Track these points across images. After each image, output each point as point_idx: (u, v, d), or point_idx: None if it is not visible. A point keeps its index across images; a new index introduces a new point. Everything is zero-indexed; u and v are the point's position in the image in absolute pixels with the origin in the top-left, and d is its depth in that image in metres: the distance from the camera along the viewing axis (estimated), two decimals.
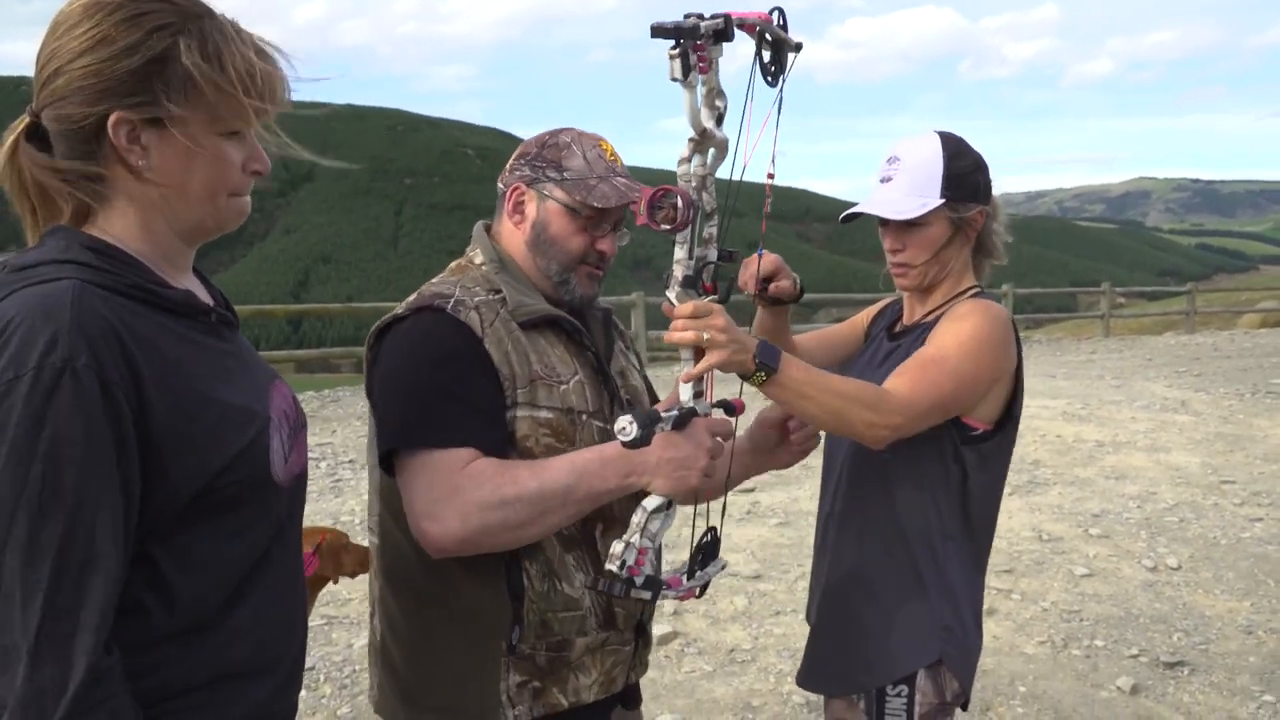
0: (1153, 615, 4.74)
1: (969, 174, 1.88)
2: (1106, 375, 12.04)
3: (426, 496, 1.50)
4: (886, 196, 1.87)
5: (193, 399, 1.12)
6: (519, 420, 1.59)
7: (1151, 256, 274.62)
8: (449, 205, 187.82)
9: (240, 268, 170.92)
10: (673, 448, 1.50)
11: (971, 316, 1.82)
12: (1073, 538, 5.83)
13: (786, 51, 1.49)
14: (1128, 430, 8.61)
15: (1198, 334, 18.33)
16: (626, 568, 1.44)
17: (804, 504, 6.23)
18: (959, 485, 1.86)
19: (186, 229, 1.21)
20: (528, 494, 1.49)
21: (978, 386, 1.79)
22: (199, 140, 1.16)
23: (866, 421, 1.65)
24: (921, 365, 1.76)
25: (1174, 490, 6.81)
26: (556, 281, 1.71)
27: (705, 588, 1.60)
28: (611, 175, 1.68)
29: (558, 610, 1.63)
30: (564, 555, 1.64)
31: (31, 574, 1.00)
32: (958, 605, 1.89)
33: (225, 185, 1.20)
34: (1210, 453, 7.88)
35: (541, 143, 1.73)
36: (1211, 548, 5.68)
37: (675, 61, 1.33)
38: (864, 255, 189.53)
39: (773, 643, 4.38)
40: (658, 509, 1.49)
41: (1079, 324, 21.46)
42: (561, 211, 1.68)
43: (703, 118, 1.41)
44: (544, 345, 1.65)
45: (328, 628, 4.31)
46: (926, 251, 1.88)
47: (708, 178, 1.46)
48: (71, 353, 1.02)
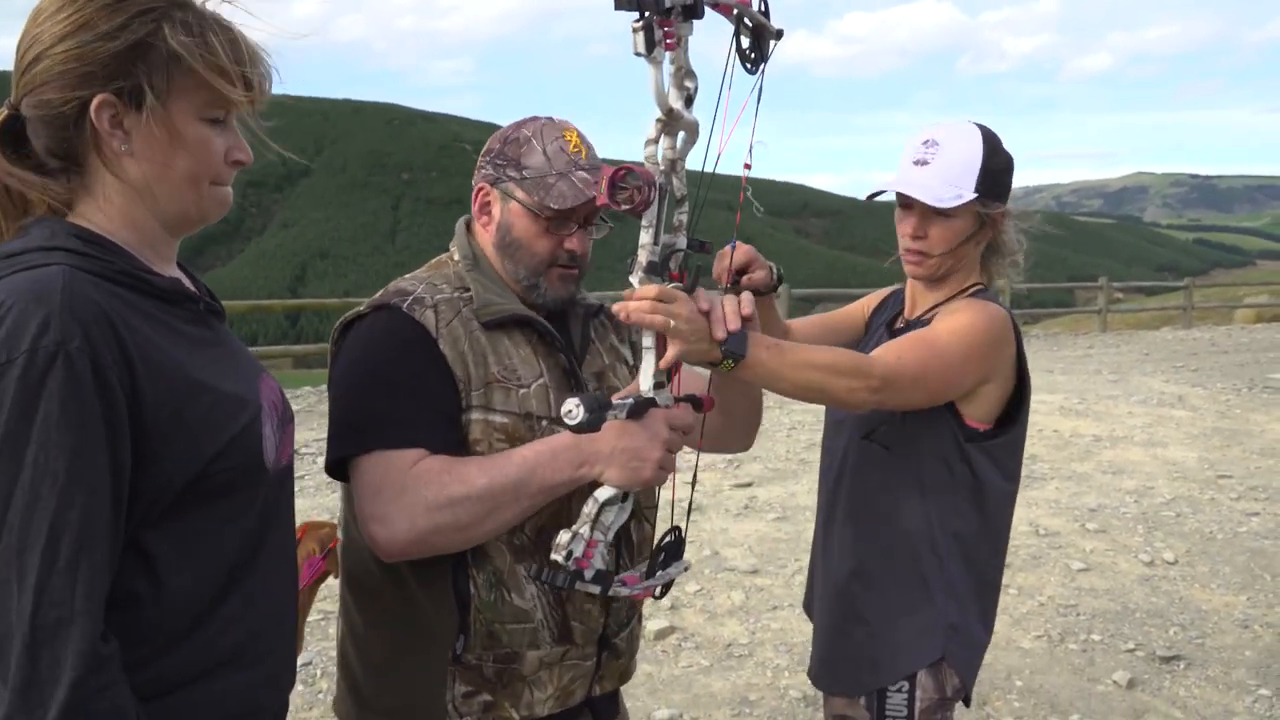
0: (1149, 609, 4.75)
1: (1001, 172, 1.85)
2: (1104, 370, 12.05)
3: (374, 499, 1.45)
4: (922, 180, 1.82)
5: (185, 385, 1.11)
6: (472, 424, 1.53)
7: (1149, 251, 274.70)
8: (446, 200, 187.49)
9: (238, 263, 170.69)
10: (627, 437, 1.44)
11: (968, 311, 1.80)
12: (1070, 532, 5.83)
13: (767, 39, 1.43)
14: (1125, 425, 8.63)
15: (1195, 329, 18.35)
16: (574, 559, 1.38)
17: (801, 499, 6.23)
18: (969, 484, 1.84)
19: (169, 217, 1.20)
20: (476, 491, 1.44)
21: (964, 376, 1.76)
22: (181, 126, 1.15)
23: (846, 388, 1.61)
24: (911, 342, 1.74)
25: (1171, 485, 6.82)
26: (526, 285, 1.63)
27: (667, 588, 1.54)
28: (572, 170, 1.59)
29: (505, 621, 1.56)
30: (514, 565, 1.56)
31: (25, 559, 0.99)
32: (962, 603, 1.88)
33: (208, 173, 1.19)
34: (1207, 447, 7.89)
35: (504, 138, 1.65)
36: (1208, 542, 5.69)
37: (638, 35, 1.27)
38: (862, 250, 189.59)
39: (770, 637, 4.38)
40: (610, 500, 1.43)
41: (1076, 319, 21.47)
42: (523, 213, 1.61)
43: (670, 98, 1.34)
44: (507, 346, 1.59)
45: (324, 623, 4.31)
46: (949, 242, 1.85)
47: (678, 162, 1.39)
48: (64, 336, 1.01)
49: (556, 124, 1.64)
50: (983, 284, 1.95)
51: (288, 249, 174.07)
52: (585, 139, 1.64)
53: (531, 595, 1.57)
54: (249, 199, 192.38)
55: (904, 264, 1.93)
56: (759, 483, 6.67)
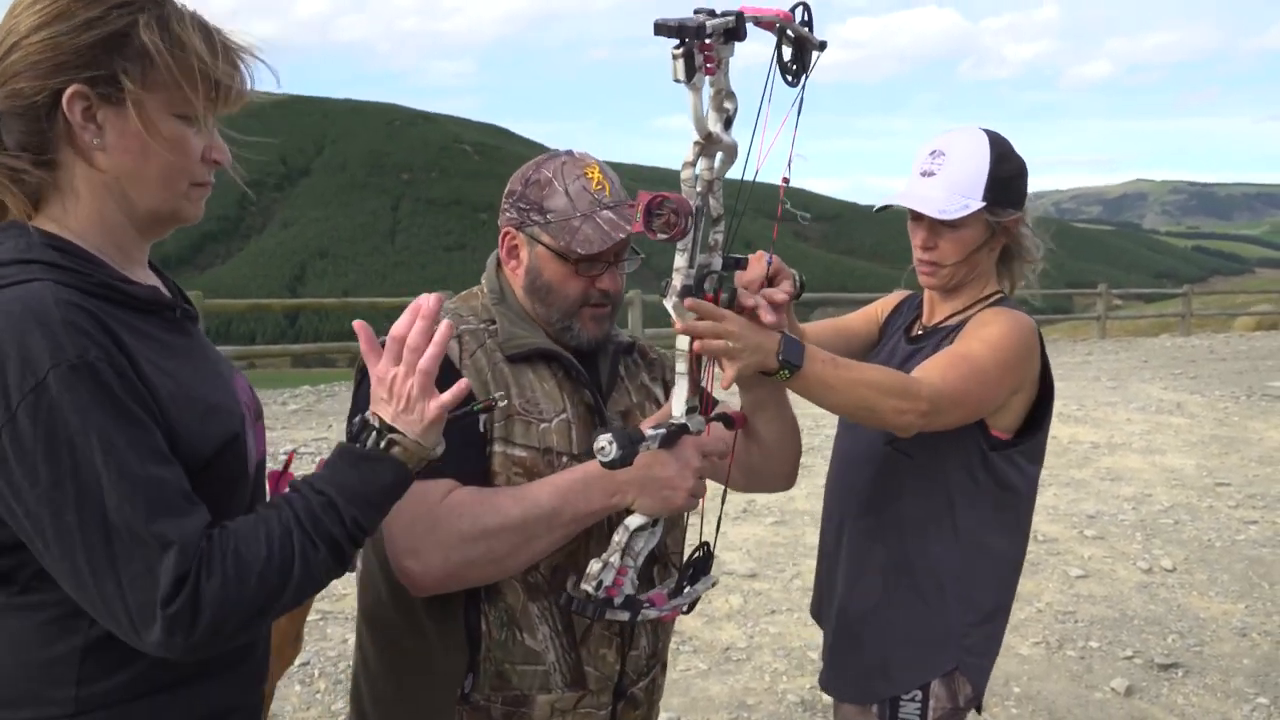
0: (1147, 617, 4.75)
1: (1012, 179, 1.83)
2: (1102, 377, 12.05)
3: (407, 533, 1.43)
4: (928, 192, 1.81)
5: (177, 397, 1.11)
6: (493, 455, 1.51)
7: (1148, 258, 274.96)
8: (446, 200, 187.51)
9: (237, 261, 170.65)
10: (659, 466, 1.43)
11: (998, 324, 1.79)
12: (1068, 539, 5.83)
13: (810, 51, 1.39)
14: (1123, 432, 8.62)
15: (1193, 336, 18.35)
16: (603, 588, 1.37)
17: (799, 503, 6.22)
18: (992, 493, 1.83)
19: (142, 218, 1.17)
20: (511, 522, 1.42)
21: (1000, 391, 1.76)
22: (156, 122, 1.12)
23: (895, 409, 1.60)
24: (950, 360, 1.72)
25: (1169, 492, 6.82)
26: (559, 328, 1.60)
27: (694, 605, 1.54)
28: (596, 211, 1.55)
29: (516, 662, 1.52)
30: (527, 604, 1.53)
31: (122, 556, 1.01)
32: (979, 611, 1.87)
33: (183, 171, 1.16)
34: (1205, 455, 7.89)
35: (525, 179, 1.61)
36: (1206, 550, 5.69)
37: (679, 62, 1.23)
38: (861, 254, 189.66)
39: (768, 641, 4.37)
40: (641, 528, 1.42)
41: (1075, 325, 21.48)
42: (551, 257, 1.57)
43: (709, 121, 1.31)
44: (531, 379, 1.56)
45: (322, 623, 4.29)
46: (959, 252, 1.84)
47: (714, 182, 1.36)
48: (79, 349, 1.01)
49: (577, 160, 1.61)
50: (1003, 292, 1.94)
51: (287, 248, 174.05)
52: (607, 173, 1.61)
53: (544, 636, 1.54)
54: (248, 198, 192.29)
55: (918, 274, 1.92)
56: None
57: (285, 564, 1.08)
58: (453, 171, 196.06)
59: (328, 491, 1.13)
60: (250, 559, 1.06)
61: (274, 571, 1.07)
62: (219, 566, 1.04)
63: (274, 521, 1.10)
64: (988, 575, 1.89)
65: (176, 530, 1.03)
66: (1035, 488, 1.95)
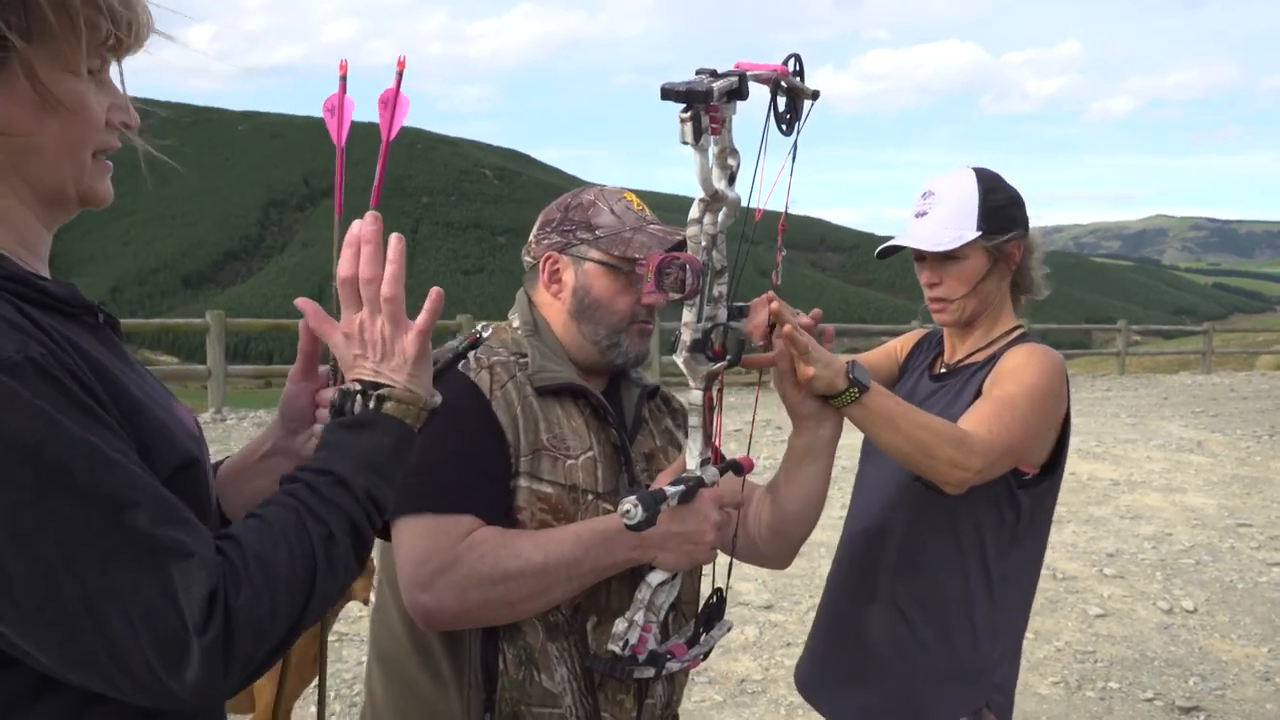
0: (1168, 659, 4.68)
1: (1005, 207, 1.87)
2: (1122, 413, 11.97)
3: (423, 567, 1.39)
4: (922, 230, 1.86)
5: (130, 402, 0.91)
6: (518, 490, 1.49)
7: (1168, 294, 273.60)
8: (464, 224, 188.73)
9: (257, 280, 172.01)
10: (679, 522, 1.43)
11: (1032, 364, 1.79)
12: (1087, 577, 5.77)
13: (802, 100, 1.44)
14: (1143, 469, 8.55)
15: (1214, 374, 18.21)
16: (629, 647, 1.38)
17: (816, 534, 6.15)
18: (1012, 529, 1.83)
19: (44, 199, 0.96)
20: (531, 568, 1.40)
21: (1040, 434, 1.77)
22: (50, 81, 0.90)
23: (951, 460, 1.60)
24: (993, 410, 1.72)
25: (1190, 532, 6.74)
26: (606, 345, 1.60)
27: (709, 652, 1.54)
28: (644, 225, 1.59)
29: (533, 704, 1.49)
30: (546, 643, 1.49)
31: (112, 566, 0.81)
32: (1005, 648, 1.86)
33: (87, 139, 0.95)
34: (1227, 495, 7.80)
35: (565, 206, 1.64)
36: (1228, 591, 5.61)
37: (686, 125, 1.26)
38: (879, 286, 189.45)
39: (783, 674, 4.33)
40: (663, 583, 1.43)
41: (1094, 360, 21.36)
42: (602, 272, 1.59)
43: (714, 179, 1.34)
44: (559, 415, 1.55)
45: (338, 644, 4.29)
46: (964, 285, 1.86)
47: (717, 235, 1.39)
48: (18, 345, 0.82)
49: (613, 190, 1.65)
50: (1023, 325, 1.94)
51: (307, 268, 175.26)
52: (641, 202, 1.66)
53: (562, 678, 1.51)
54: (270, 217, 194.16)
55: (931, 314, 1.94)
56: None
57: (308, 562, 0.91)
58: (472, 195, 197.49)
59: (333, 469, 0.98)
60: (273, 563, 0.89)
61: (300, 573, 0.90)
62: (245, 576, 0.86)
63: (281, 516, 0.93)
64: (1013, 611, 1.88)
65: (194, 537, 0.85)
66: (1049, 521, 1.96)
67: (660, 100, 1.26)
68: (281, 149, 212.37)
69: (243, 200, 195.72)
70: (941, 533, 1.85)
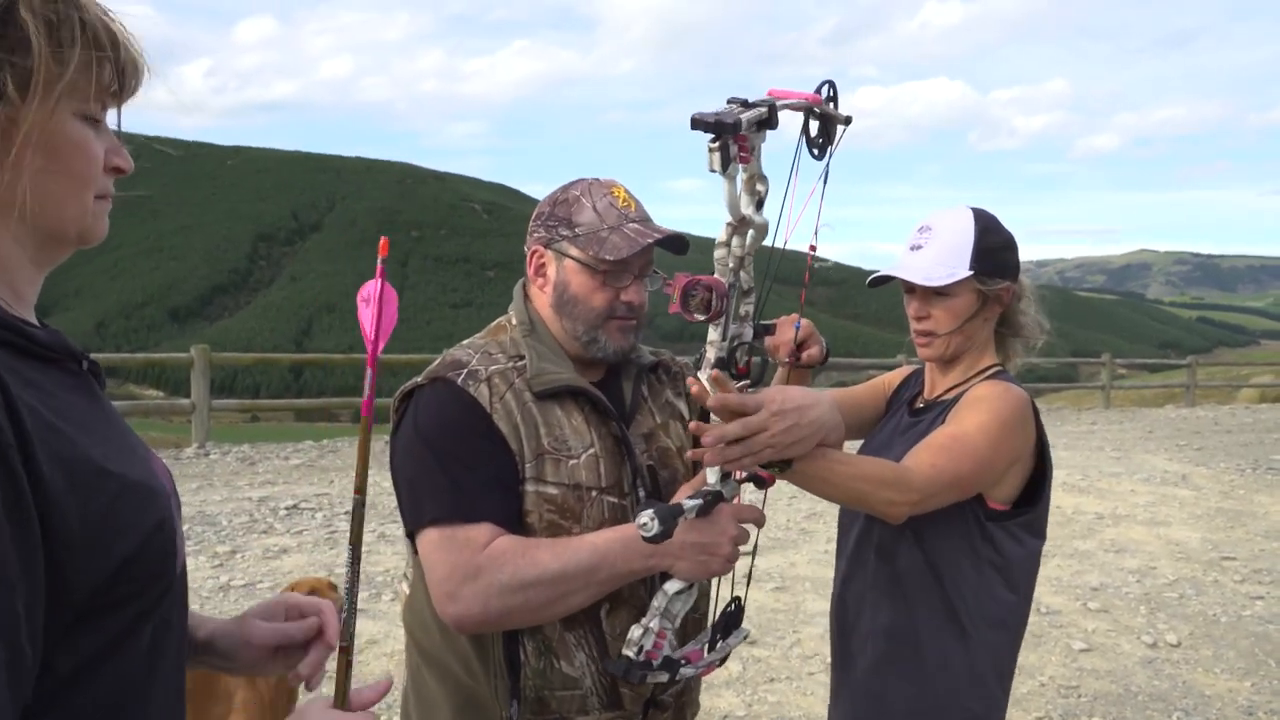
0: (1152, 693, 4.67)
1: (999, 250, 1.88)
2: (1106, 447, 12.01)
3: (448, 577, 1.49)
4: (916, 263, 1.87)
5: (87, 471, 0.86)
6: (525, 494, 1.56)
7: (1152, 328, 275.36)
8: (454, 258, 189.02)
9: (245, 314, 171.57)
10: (697, 533, 1.48)
11: (990, 398, 1.81)
12: (1071, 611, 5.76)
13: (835, 125, 1.46)
14: (1128, 503, 8.57)
15: (1198, 407, 18.31)
16: (644, 652, 1.41)
17: (801, 568, 6.17)
18: (992, 564, 1.84)
19: (38, 240, 0.94)
20: (549, 576, 1.47)
21: (994, 468, 1.78)
22: (49, 123, 0.90)
23: (887, 500, 1.63)
24: (941, 444, 1.74)
25: (1174, 565, 6.76)
26: (585, 341, 1.65)
27: (726, 658, 1.58)
28: (624, 223, 1.62)
29: (555, 688, 1.59)
30: (564, 633, 1.59)
31: None
32: (986, 686, 1.86)
33: (87, 183, 0.95)
34: (1211, 528, 7.82)
35: (553, 200, 1.68)
36: (1212, 625, 5.62)
37: (714, 155, 1.29)
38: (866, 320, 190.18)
39: (766, 710, 4.31)
40: (680, 592, 1.47)
41: (1079, 394, 21.45)
42: (579, 269, 1.63)
43: (742, 204, 1.37)
44: (558, 416, 1.61)
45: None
46: (952, 321, 1.88)
47: (745, 258, 1.43)
48: None
49: (603, 183, 1.68)
50: (1000, 364, 1.96)
51: (295, 302, 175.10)
52: (632, 194, 1.68)
53: (580, 663, 1.60)
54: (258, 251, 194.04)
55: (915, 346, 1.96)
56: (758, 551, 6.61)
57: None
58: (462, 230, 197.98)
59: None
60: None
61: None
62: None
63: None
64: (989, 648, 1.87)
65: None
66: (1037, 562, 1.95)
67: (690, 130, 1.28)
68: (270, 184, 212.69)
69: (231, 234, 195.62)
70: (910, 565, 1.85)
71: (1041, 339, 2.01)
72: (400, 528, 6.86)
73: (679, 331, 4.77)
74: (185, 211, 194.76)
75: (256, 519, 6.97)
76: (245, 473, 8.86)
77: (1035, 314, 1.98)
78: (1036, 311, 1.98)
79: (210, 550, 6.14)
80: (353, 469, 7.54)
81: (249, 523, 6.86)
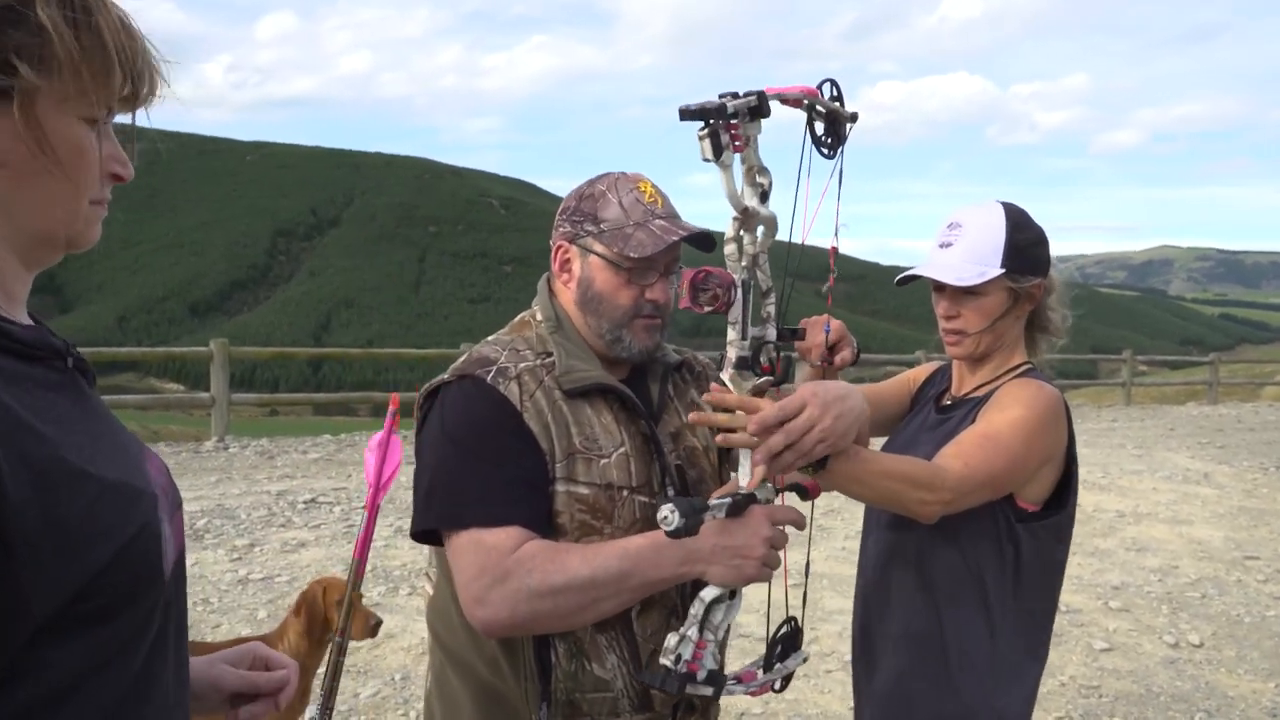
0: (1174, 694, 4.62)
1: (1030, 247, 1.85)
2: (1128, 444, 11.91)
3: (476, 580, 1.46)
4: (945, 261, 1.84)
5: (59, 474, 0.83)
6: (556, 495, 1.53)
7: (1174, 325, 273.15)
8: (471, 253, 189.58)
9: (265, 309, 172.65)
10: (727, 535, 1.43)
11: (1024, 396, 1.78)
12: (1092, 610, 5.71)
13: (843, 123, 1.44)
14: (1149, 501, 8.49)
15: (1221, 405, 18.14)
16: (683, 662, 1.37)
17: (818, 565, 6.14)
18: (1014, 566, 1.81)
19: (28, 241, 0.93)
20: (579, 582, 1.43)
21: (1027, 466, 1.75)
22: (52, 123, 0.88)
23: (919, 499, 1.61)
24: (974, 442, 1.72)
25: (1196, 564, 6.69)
26: (610, 340, 1.62)
27: (787, 680, 1.54)
28: (650, 220, 1.59)
29: (586, 691, 1.56)
30: (595, 635, 1.56)
31: None
32: (1006, 687, 1.83)
33: (84, 187, 0.93)
34: (1234, 527, 7.74)
35: (579, 194, 1.65)
36: (1235, 625, 5.56)
37: (705, 142, 1.28)
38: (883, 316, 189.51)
39: (784, 708, 4.29)
40: (717, 600, 1.42)
41: (1100, 391, 21.30)
42: (604, 265, 1.60)
43: (744, 196, 1.35)
44: (589, 415, 1.58)
45: None
46: (982, 320, 1.85)
47: (759, 255, 1.40)
48: None
49: (630, 177, 1.65)
50: (1031, 363, 1.93)
51: (314, 296, 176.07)
52: (659, 190, 1.65)
53: (612, 665, 1.57)
54: (277, 246, 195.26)
55: (944, 345, 1.93)
56: None
57: None
58: (479, 225, 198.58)
59: None
60: None
61: None
62: None
63: None
64: (1020, 650, 1.85)
65: None
66: (1063, 566, 1.92)
67: (679, 122, 1.28)
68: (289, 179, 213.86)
69: (250, 230, 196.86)
70: (938, 565, 1.83)
71: (1064, 339, 1.97)
72: None
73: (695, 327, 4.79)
74: (205, 207, 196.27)
75: (275, 512, 7.00)
76: (264, 466, 8.90)
77: (1063, 309, 1.94)
78: (1064, 306, 1.95)
79: (229, 543, 6.17)
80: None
81: (267, 516, 6.89)
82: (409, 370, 31.29)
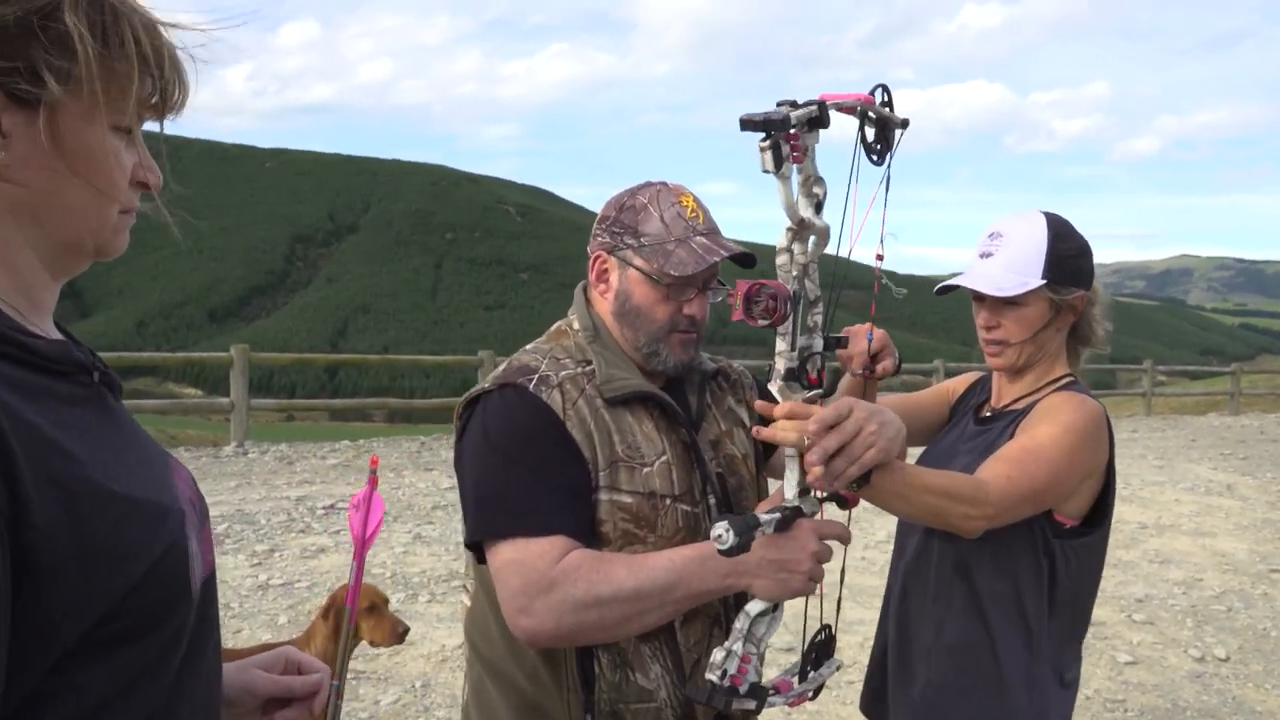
0: (1200, 708, 4.56)
1: (1073, 257, 1.82)
2: (1149, 455, 11.80)
3: (521, 591, 1.44)
4: (986, 271, 1.82)
5: (86, 494, 0.81)
6: (599, 503, 1.52)
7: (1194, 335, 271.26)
8: (487, 260, 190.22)
9: (282, 315, 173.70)
10: (774, 549, 1.42)
11: (1067, 409, 1.76)
12: (1116, 623, 5.65)
13: (893, 129, 1.42)
14: (1172, 512, 8.40)
15: (1242, 415, 17.97)
16: (729, 677, 1.36)
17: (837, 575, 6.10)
18: (1049, 579, 1.79)
19: (55, 250, 0.91)
20: (624, 594, 1.42)
21: (1070, 481, 1.73)
22: (81, 132, 0.87)
23: (963, 514, 1.59)
24: (1017, 457, 1.70)
25: (1221, 577, 6.61)
26: (646, 353, 1.62)
27: (820, 690, 1.52)
28: (691, 236, 1.58)
29: (630, 702, 1.55)
30: (639, 645, 1.55)
31: None
32: (1044, 699, 1.81)
33: (112, 196, 0.92)
34: (1258, 539, 7.65)
35: (619, 204, 1.64)
36: (1261, 639, 5.48)
37: (766, 154, 1.26)
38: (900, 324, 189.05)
39: (805, 718, 4.25)
40: (761, 614, 1.41)
41: (1120, 400, 21.15)
42: (642, 280, 1.59)
43: (800, 207, 1.34)
44: (630, 423, 1.57)
45: (355, 682, 4.25)
46: (1024, 331, 1.83)
47: (810, 265, 1.39)
48: None
49: (671, 189, 1.63)
50: (1073, 375, 1.90)
51: (331, 302, 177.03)
52: (701, 203, 1.63)
53: (655, 675, 1.56)
54: (296, 252, 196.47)
55: (985, 355, 1.90)
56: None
57: None
58: (495, 232, 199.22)
59: None
60: None
61: None
62: None
63: None
64: (1056, 664, 1.83)
65: None
66: (1097, 580, 1.89)
67: (740, 132, 1.27)
68: (307, 186, 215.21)
69: (269, 236, 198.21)
70: (975, 576, 1.81)
71: (1102, 349, 1.95)
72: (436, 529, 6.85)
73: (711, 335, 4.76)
74: (224, 213, 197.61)
75: (294, 518, 7.01)
76: (283, 472, 8.93)
77: (1106, 323, 1.92)
78: (1107, 319, 1.92)
79: (249, 549, 6.19)
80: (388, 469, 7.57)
81: (287, 521, 6.90)
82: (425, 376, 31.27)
